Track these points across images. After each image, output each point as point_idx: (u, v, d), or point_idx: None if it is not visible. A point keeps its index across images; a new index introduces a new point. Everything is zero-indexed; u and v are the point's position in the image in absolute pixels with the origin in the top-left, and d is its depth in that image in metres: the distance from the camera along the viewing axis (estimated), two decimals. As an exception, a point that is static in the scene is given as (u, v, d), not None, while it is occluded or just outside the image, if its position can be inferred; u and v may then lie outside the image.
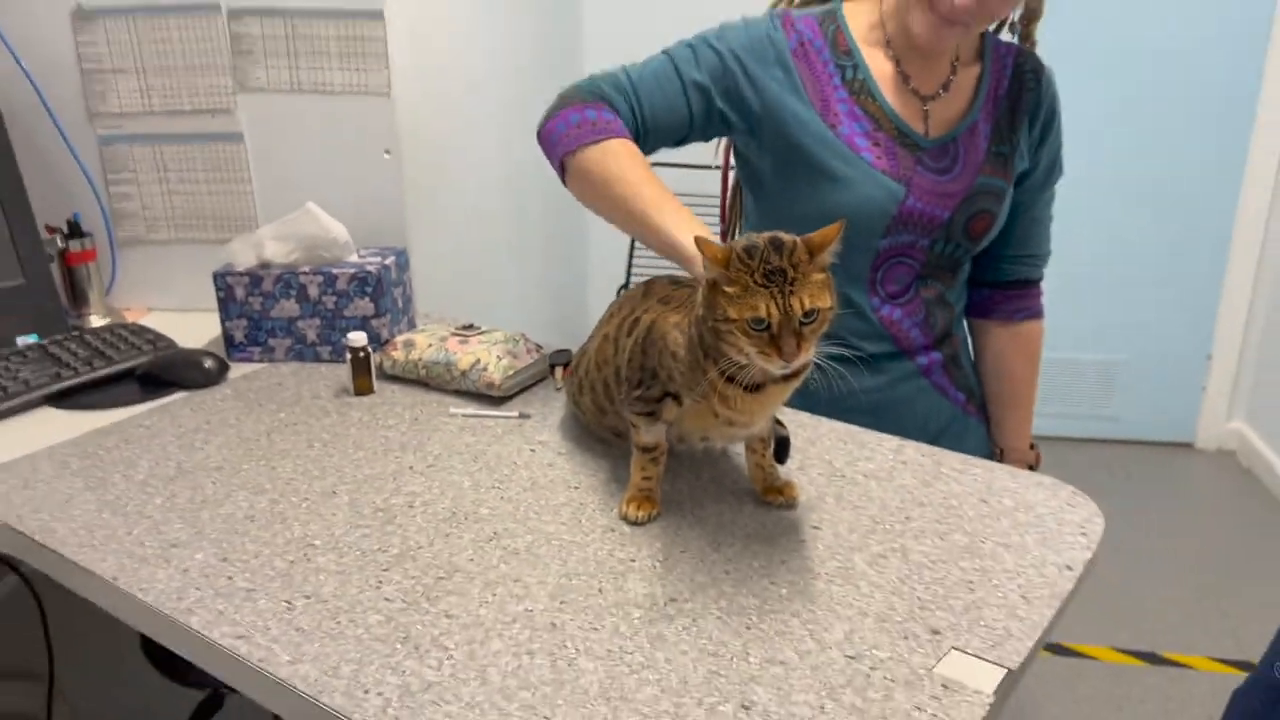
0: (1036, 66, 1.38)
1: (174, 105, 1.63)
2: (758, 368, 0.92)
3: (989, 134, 1.34)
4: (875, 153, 1.28)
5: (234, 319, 1.51)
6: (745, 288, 0.89)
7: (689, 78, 1.28)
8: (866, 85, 1.30)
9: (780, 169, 1.31)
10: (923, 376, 1.40)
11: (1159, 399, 3.45)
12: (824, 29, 1.31)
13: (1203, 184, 3.19)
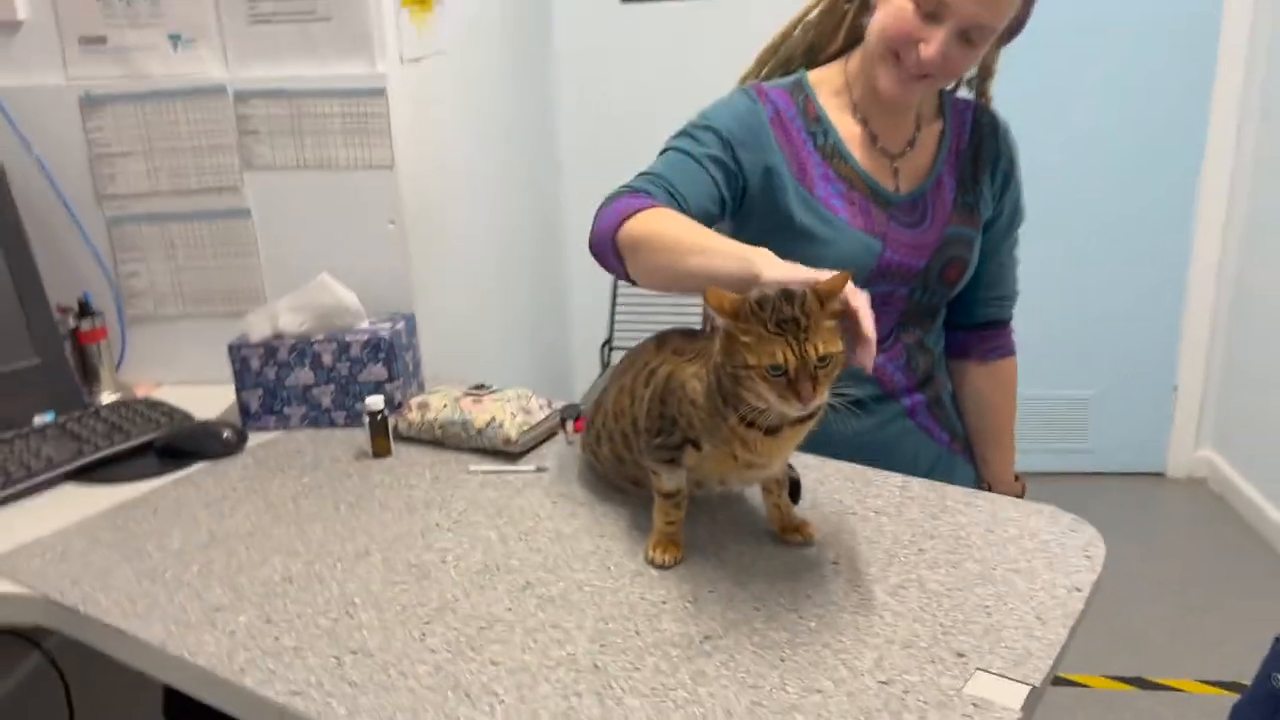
0: (994, 120, 1.46)
1: (181, 185, 1.69)
2: (776, 411, 0.98)
3: (954, 186, 1.41)
4: (851, 212, 1.35)
5: (249, 389, 1.55)
6: (760, 336, 0.96)
7: (700, 154, 1.31)
8: (838, 149, 1.37)
9: (767, 232, 1.35)
10: (908, 418, 1.46)
11: (1130, 431, 3.55)
12: (794, 98, 1.38)
13: (1157, 222, 3.32)
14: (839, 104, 1.39)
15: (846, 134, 1.38)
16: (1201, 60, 3.16)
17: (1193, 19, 3.12)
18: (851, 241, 1.34)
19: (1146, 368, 3.49)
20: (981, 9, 1.22)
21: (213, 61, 1.64)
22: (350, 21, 1.61)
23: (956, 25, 1.23)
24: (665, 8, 3.25)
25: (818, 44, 1.43)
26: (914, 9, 1.24)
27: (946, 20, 1.23)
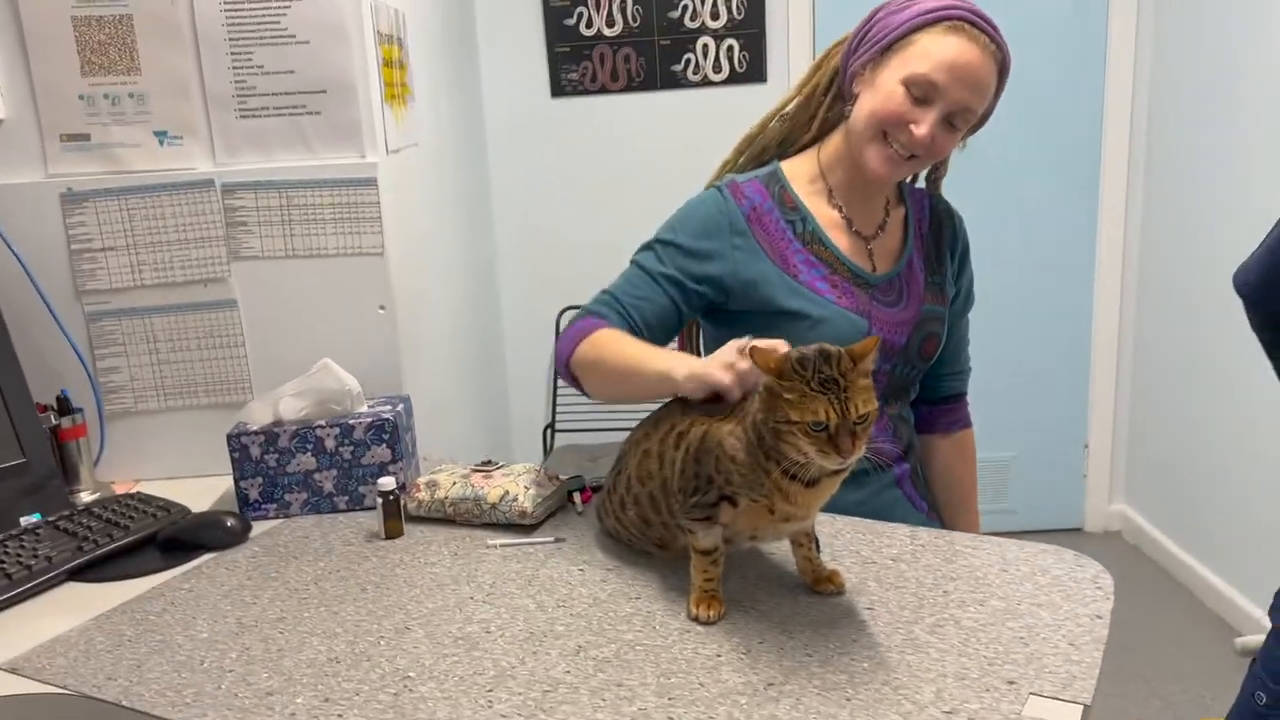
0: (949, 208, 1.58)
1: (165, 278, 1.69)
2: (816, 465, 1.05)
3: (923, 266, 1.51)
4: (836, 293, 1.43)
5: (249, 478, 1.54)
6: (803, 394, 1.03)
7: (658, 273, 1.41)
8: (817, 235, 1.45)
9: (752, 321, 1.43)
10: (897, 487, 1.53)
11: (1048, 489, 3.74)
12: (770, 190, 1.46)
13: (1059, 292, 3.56)
14: (814, 191, 1.47)
15: (824, 220, 1.46)
16: (1088, 153, 3.43)
17: (1079, 102, 3.40)
18: (841, 320, 1.41)
19: (1060, 429, 3.69)
20: (968, 94, 1.33)
21: (200, 156, 1.66)
22: (340, 115, 1.65)
23: (944, 109, 1.34)
24: (594, 101, 3.37)
25: (792, 135, 1.52)
26: (905, 93, 1.34)
27: (936, 104, 1.33)
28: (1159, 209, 3.35)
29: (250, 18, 1.62)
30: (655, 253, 1.43)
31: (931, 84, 1.32)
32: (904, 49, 1.34)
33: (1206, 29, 2.99)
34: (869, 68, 1.38)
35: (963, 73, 1.31)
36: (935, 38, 1.32)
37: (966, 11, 1.33)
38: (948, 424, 1.64)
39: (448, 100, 2.56)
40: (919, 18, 1.33)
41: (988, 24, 1.34)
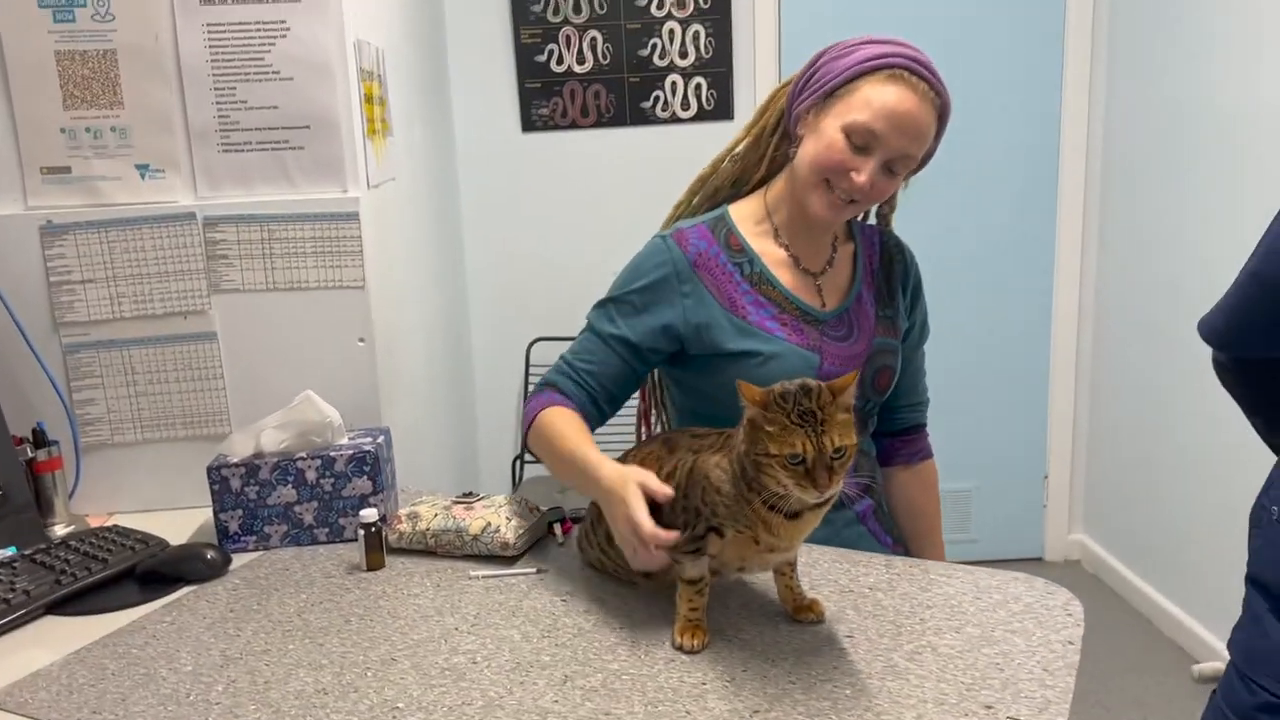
0: (899, 243, 1.61)
1: (145, 310, 1.69)
2: (795, 497, 1.08)
3: (874, 300, 1.54)
4: (786, 331, 1.45)
5: (229, 510, 1.54)
6: (784, 427, 1.06)
7: (609, 335, 1.44)
8: (764, 275, 1.47)
9: (709, 363, 1.46)
10: (860, 523, 1.56)
11: (1008, 520, 3.80)
12: (716, 234, 1.49)
13: (1018, 326, 3.64)
14: (760, 231, 1.50)
15: (771, 259, 1.49)
16: (1045, 191, 3.53)
17: (1035, 138, 3.50)
18: (793, 356, 1.44)
19: (1020, 460, 3.76)
20: (907, 142, 1.37)
21: (182, 189, 1.68)
22: (323, 150, 1.67)
23: (884, 156, 1.37)
24: (564, 136, 3.42)
25: (744, 175, 1.55)
26: (845, 141, 1.37)
27: (876, 151, 1.36)
28: (1114, 246, 3.45)
29: (234, 54, 1.64)
30: (607, 311, 1.46)
31: (871, 133, 1.35)
32: (846, 96, 1.37)
33: (1157, 60, 3.10)
34: (812, 112, 1.41)
35: (902, 121, 1.35)
36: (876, 86, 1.35)
37: (907, 59, 1.36)
38: (909, 455, 1.67)
39: (422, 135, 2.58)
40: (861, 65, 1.36)
41: (928, 71, 1.37)
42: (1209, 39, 2.83)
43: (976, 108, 3.43)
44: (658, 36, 3.34)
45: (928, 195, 3.46)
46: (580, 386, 1.44)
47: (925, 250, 3.54)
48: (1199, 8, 2.87)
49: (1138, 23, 3.21)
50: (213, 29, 1.63)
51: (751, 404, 1.08)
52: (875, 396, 1.54)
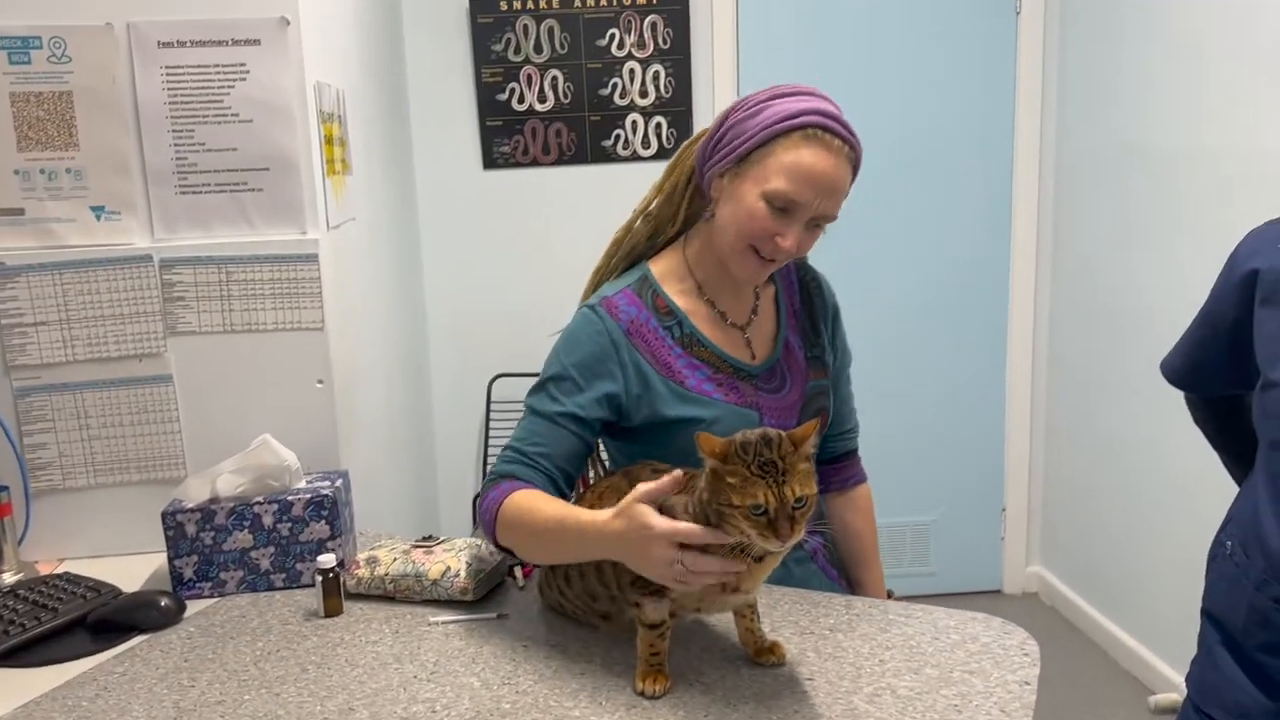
0: (815, 275, 1.60)
1: (99, 353, 1.67)
2: (758, 546, 1.08)
3: (801, 344, 1.54)
4: (723, 391, 1.45)
5: (183, 556, 1.52)
6: (744, 478, 1.07)
7: (554, 413, 1.39)
8: (694, 336, 1.46)
9: (649, 432, 1.44)
10: (811, 561, 1.56)
11: (967, 552, 3.83)
12: (643, 297, 1.47)
13: (975, 361, 3.69)
14: (683, 289, 1.48)
15: (697, 317, 1.47)
16: (999, 224, 3.60)
17: (989, 176, 3.58)
18: (733, 416, 1.42)
19: (978, 493, 3.80)
20: (828, 202, 1.35)
21: (138, 232, 1.66)
22: (282, 192, 1.67)
23: (806, 217, 1.35)
24: (525, 173, 3.43)
25: (659, 231, 1.53)
26: (766, 207, 1.34)
27: (798, 214, 1.35)
28: (1067, 283, 3.52)
29: (193, 97, 1.63)
30: (548, 392, 1.41)
31: (792, 200, 1.33)
32: (761, 161, 1.33)
33: (1105, 106, 3.18)
34: (727, 176, 1.38)
35: (820, 182, 1.32)
36: (791, 150, 1.32)
37: (818, 116, 1.33)
38: (841, 481, 1.65)
39: (383, 173, 2.58)
40: (773, 127, 1.33)
41: (839, 124, 1.34)
42: (1154, 85, 2.91)
43: (931, 150, 3.50)
44: (618, 76, 3.37)
45: (885, 235, 3.52)
46: (536, 470, 1.37)
47: (883, 289, 3.61)
48: (1144, 56, 2.96)
49: (1086, 69, 3.30)
50: (171, 71, 1.62)
51: (711, 456, 1.09)
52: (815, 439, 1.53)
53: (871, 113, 3.49)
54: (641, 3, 3.34)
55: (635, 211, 1.56)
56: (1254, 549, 1.30)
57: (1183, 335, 1.49)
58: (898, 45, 3.45)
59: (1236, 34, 2.55)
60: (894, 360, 3.64)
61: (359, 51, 2.30)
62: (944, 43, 3.46)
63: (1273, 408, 1.25)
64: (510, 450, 1.39)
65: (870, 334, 3.62)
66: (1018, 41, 3.47)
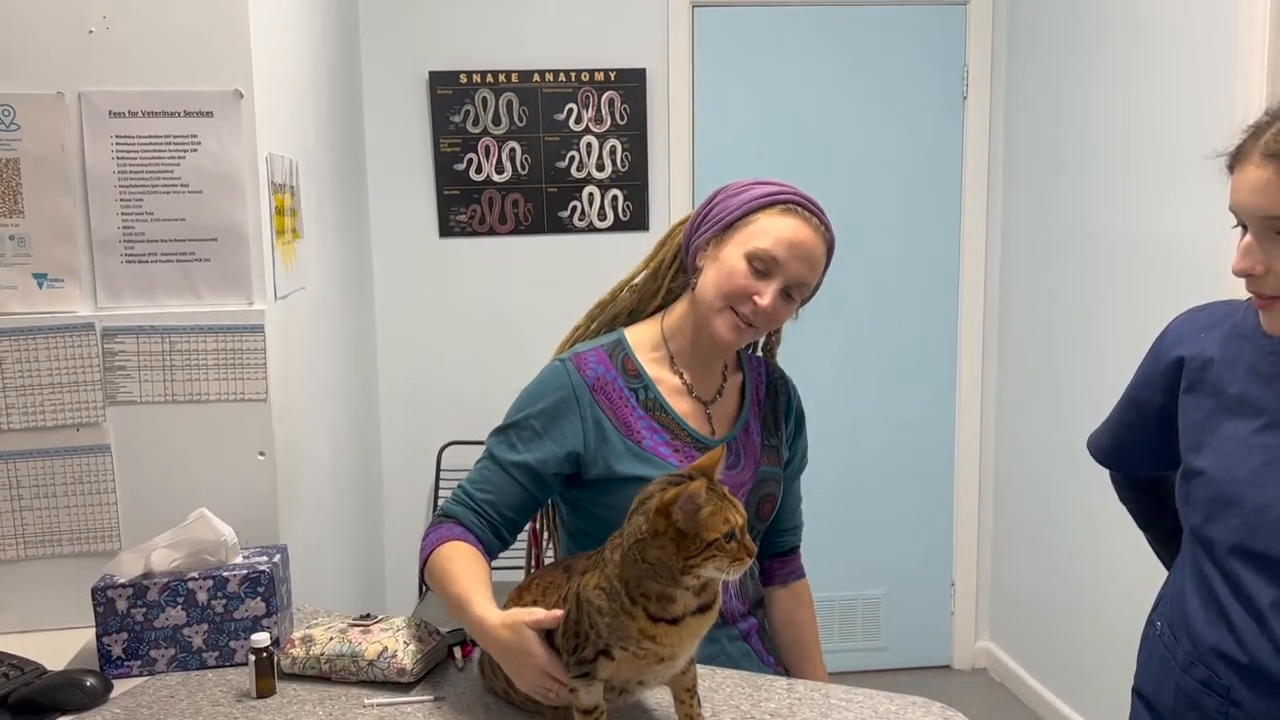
0: (784, 376, 1.67)
1: (35, 422, 1.64)
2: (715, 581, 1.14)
3: (760, 430, 1.58)
4: (678, 457, 1.48)
5: (113, 634, 1.48)
6: (715, 509, 1.11)
7: (510, 462, 1.45)
8: (658, 401, 1.50)
9: (603, 486, 1.47)
10: (744, 641, 1.56)
11: (917, 627, 3.83)
12: (613, 359, 1.52)
13: (924, 439, 3.74)
14: (656, 358, 1.53)
15: (665, 386, 1.52)
16: (946, 308, 3.67)
17: (936, 255, 3.65)
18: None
19: (927, 567, 3.81)
20: (805, 269, 1.45)
21: (81, 299, 1.65)
22: (230, 263, 1.67)
23: (783, 282, 1.44)
24: (481, 242, 3.45)
25: (641, 304, 1.60)
26: (748, 267, 1.43)
27: (776, 276, 1.43)
28: (1012, 360, 3.59)
29: (143, 167, 1.63)
30: (507, 438, 1.47)
31: (772, 258, 1.42)
32: (745, 227, 1.45)
33: (1047, 192, 3.28)
34: (712, 244, 1.48)
35: (799, 249, 1.43)
36: (773, 218, 1.44)
37: (799, 196, 1.47)
38: (784, 575, 1.69)
39: (336, 241, 2.58)
40: (757, 200, 1.46)
41: (817, 208, 1.48)
42: (1091, 171, 3.01)
43: (881, 229, 3.58)
44: (575, 149, 3.42)
45: (835, 314, 3.58)
46: (480, 516, 1.44)
47: (832, 367, 3.66)
48: (1083, 142, 3.06)
49: (1030, 154, 3.41)
50: (122, 141, 1.62)
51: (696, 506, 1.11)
52: (759, 524, 1.57)
53: (822, 192, 3.55)
54: (600, 79, 3.41)
55: (621, 282, 1.63)
56: (1181, 631, 1.32)
57: (1109, 415, 1.52)
58: (849, 126, 3.55)
59: (1166, 125, 2.66)
60: (843, 436, 3.68)
61: (315, 121, 2.32)
62: (893, 125, 3.56)
63: (1196, 494, 1.28)
64: (461, 490, 1.48)
65: (819, 409, 3.65)
66: (964, 127, 3.58)
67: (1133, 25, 2.81)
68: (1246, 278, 1.17)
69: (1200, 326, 1.35)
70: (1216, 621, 1.25)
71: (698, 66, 3.47)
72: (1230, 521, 1.24)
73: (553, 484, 1.48)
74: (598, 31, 3.41)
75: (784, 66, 3.51)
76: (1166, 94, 2.66)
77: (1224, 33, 2.41)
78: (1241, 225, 1.17)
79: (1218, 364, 1.29)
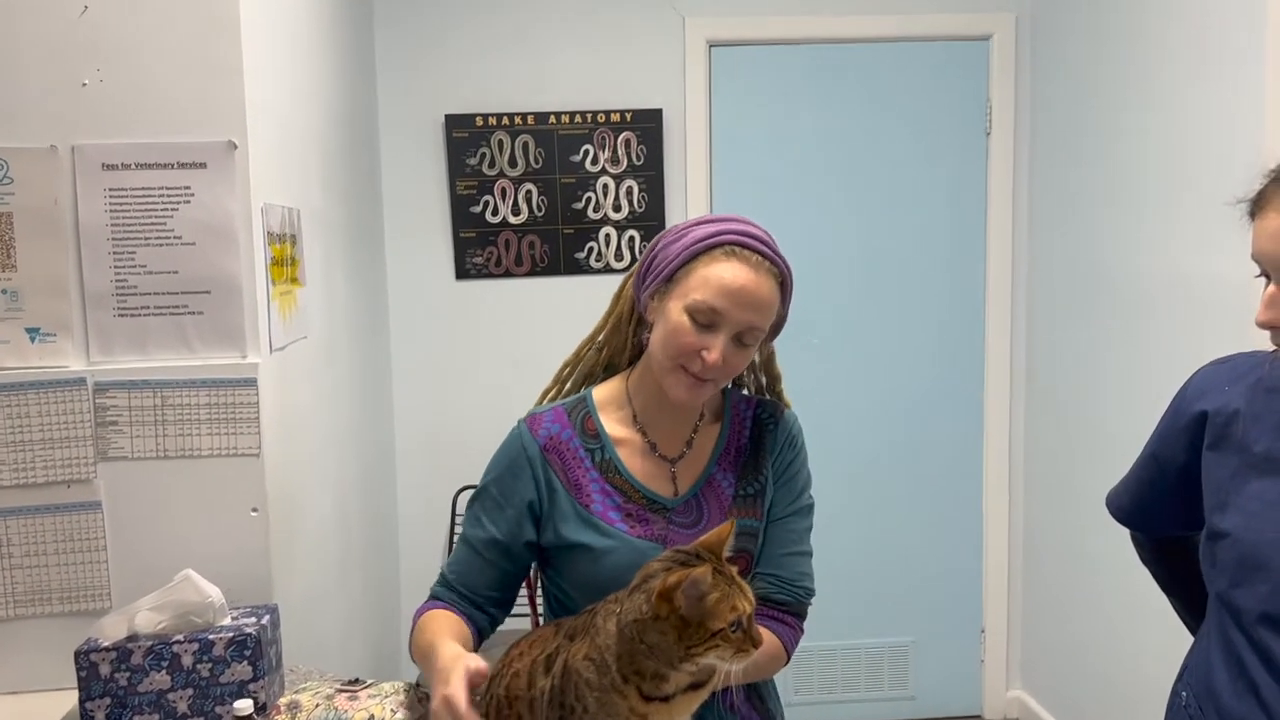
0: (775, 410, 1.53)
1: (25, 479, 1.62)
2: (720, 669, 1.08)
3: (734, 481, 1.46)
4: (629, 523, 1.40)
5: (95, 699, 1.44)
6: (723, 594, 1.05)
7: (479, 541, 1.41)
8: (612, 463, 1.43)
9: (554, 554, 1.42)
10: (734, 714, 1.44)
11: (947, 675, 3.71)
12: (572, 418, 1.46)
13: (950, 483, 3.64)
14: (620, 418, 1.46)
15: (625, 445, 1.45)
16: (972, 349, 3.59)
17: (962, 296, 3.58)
18: (631, 551, 1.36)
19: (956, 613, 3.70)
20: (751, 314, 1.35)
21: (73, 354, 1.63)
22: (223, 316, 1.65)
23: (730, 331, 1.35)
24: (498, 284, 3.42)
25: (612, 360, 1.54)
26: (690, 321, 1.34)
27: (722, 328, 1.34)
28: (1042, 398, 3.49)
29: (136, 219, 1.62)
30: (474, 512, 1.43)
31: (713, 310, 1.33)
32: (684, 278, 1.36)
33: (1075, 222, 3.20)
34: (657, 297, 1.39)
35: (739, 295, 1.33)
36: (710, 265, 1.34)
37: (736, 235, 1.36)
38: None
39: (346, 287, 2.56)
40: (695, 246, 1.36)
41: (761, 243, 1.37)
42: (1119, 207, 2.94)
43: (904, 267, 3.51)
44: (592, 190, 3.40)
45: (858, 355, 3.51)
46: (461, 597, 1.40)
47: (856, 410, 3.58)
48: (1110, 177, 2.99)
49: (1056, 189, 3.34)
50: (114, 194, 1.61)
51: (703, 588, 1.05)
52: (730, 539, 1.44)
53: (842, 232, 3.52)
54: (615, 119, 3.38)
55: (584, 340, 1.57)
56: (1207, 703, 1.24)
57: (1129, 472, 1.45)
58: (870, 165, 3.49)
59: (1202, 157, 2.58)
60: (869, 479, 3.59)
61: (322, 167, 2.30)
62: (915, 162, 3.50)
63: (1222, 557, 1.20)
64: (441, 574, 1.44)
65: (845, 453, 3.60)
66: (988, 164, 3.51)
67: (1160, 56, 2.74)
68: (1271, 330, 1.10)
69: (1224, 379, 1.28)
70: (1245, 694, 1.17)
71: (715, 106, 3.44)
72: (1259, 587, 1.16)
73: (527, 553, 1.42)
74: (613, 72, 3.40)
75: (802, 105, 3.47)
76: (1203, 124, 2.57)
77: (1254, 61, 2.34)
78: (1265, 275, 1.11)
79: (1243, 418, 1.22)
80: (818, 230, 3.50)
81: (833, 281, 3.52)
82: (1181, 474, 1.31)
